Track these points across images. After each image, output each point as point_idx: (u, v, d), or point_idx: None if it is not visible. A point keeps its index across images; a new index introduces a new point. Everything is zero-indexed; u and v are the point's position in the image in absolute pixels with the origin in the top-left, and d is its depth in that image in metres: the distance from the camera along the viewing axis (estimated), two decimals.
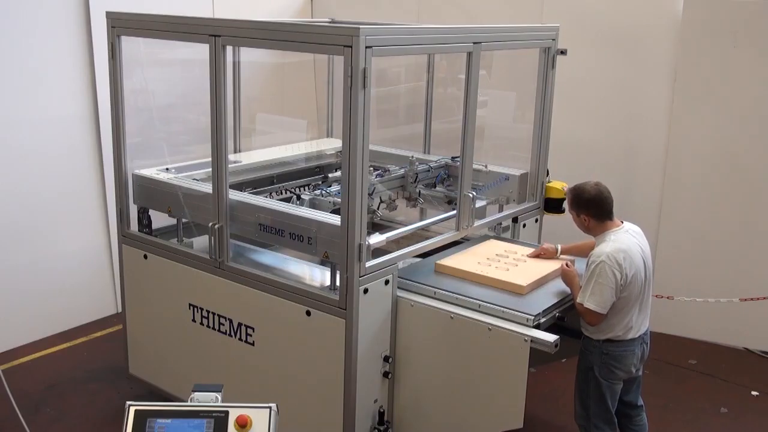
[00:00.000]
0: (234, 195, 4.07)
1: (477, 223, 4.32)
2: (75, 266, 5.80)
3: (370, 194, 4.33)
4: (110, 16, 4.30)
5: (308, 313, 3.71)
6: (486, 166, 4.76)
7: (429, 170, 4.82)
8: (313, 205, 4.13)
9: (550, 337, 3.36)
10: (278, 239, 3.88)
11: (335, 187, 4.38)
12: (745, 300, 5.55)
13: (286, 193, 4.90)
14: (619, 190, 6.09)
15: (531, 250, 4.23)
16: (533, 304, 3.62)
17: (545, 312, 3.57)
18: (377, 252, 3.70)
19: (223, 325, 4.13)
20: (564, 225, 5.45)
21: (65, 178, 5.65)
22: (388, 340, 3.80)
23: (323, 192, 4.27)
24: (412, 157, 4.84)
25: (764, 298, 5.51)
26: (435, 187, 4.83)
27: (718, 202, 5.67)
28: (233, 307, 4.07)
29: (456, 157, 4.73)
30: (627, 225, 3.84)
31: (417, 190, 4.73)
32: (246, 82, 5.21)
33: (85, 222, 5.84)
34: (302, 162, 5.21)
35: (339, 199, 3.98)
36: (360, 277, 3.54)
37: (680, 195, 5.81)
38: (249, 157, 5.00)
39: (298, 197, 4.24)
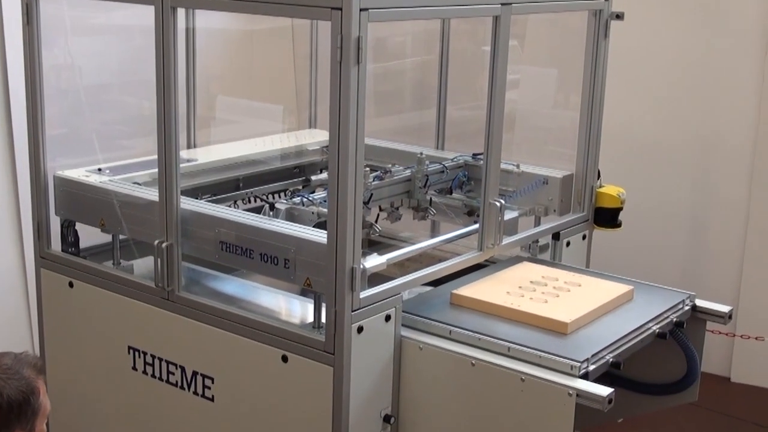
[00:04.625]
0: (188, 204, 4.08)
1: (506, 240, 4.33)
2: None
3: (365, 203, 4.35)
4: None
5: (284, 359, 3.71)
6: (518, 166, 4.77)
7: (443, 171, 4.83)
8: (291, 216, 4.14)
9: (603, 390, 3.35)
10: (245, 262, 3.88)
11: (320, 194, 4.40)
12: None
13: (256, 201, 4.91)
14: (693, 195, 6.14)
15: (577, 276, 4.24)
16: (580, 346, 3.62)
17: (595, 357, 3.57)
18: (375, 278, 3.71)
19: (173, 374, 4.13)
20: (620, 243, 5.46)
21: None
22: (389, 395, 3.80)
23: (304, 200, 4.28)
24: (421, 154, 4.85)
25: None
26: (451, 193, 4.84)
27: None
28: (186, 351, 4.08)
29: (478, 154, 4.73)
30: None
31: (427, 198, 4.75)
32: (204, 55, 5.23)
33: None
34: (277, 161, 5.22)
35: (325, 209, 3.98)
36: (353, 311, 3.54)
37: None
38: (207, 155, 5.01)
39: (272, 206, 4.25)
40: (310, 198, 4.31)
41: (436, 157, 5.00)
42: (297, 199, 4.31)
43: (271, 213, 4.18)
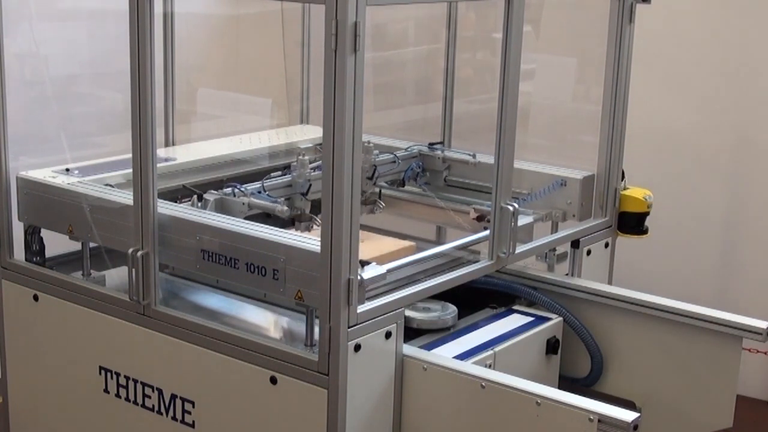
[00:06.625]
0: (165, 208, 4.10)
1: (520, 248, 4.34)
2: None
3: (304, 194, 4.48)
4: None
5: (273, 381, 3.72)
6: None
7: (395, 162, 4.97)
8: (221, 207, 4.16)
9: (627, 416, 3.36)
10: (230, 272, 3.88)
11: (254, 185, 4.49)
12: None
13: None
14: (729, 199, 6.12)
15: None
16: None
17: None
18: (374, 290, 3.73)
19: (150, 397, 4.13)
20: (646, 252, 5.46)
21: None
22: (389, 420, 3.81)
23: (235, 190, 4.34)
24: (368, 143, 4.91)
25: None
26: (403, 185, 4.99)
27: None
28: (164, 372, 4.08)
29: (435, 144, 4.78)
30: None
31: (377, 190, 4.83)
32: (184, 43, 5.24)
33: None
34: (265, 160, 5.23)
35: (258, 201, 4.09)
36: (349, 328, 3.54)
37: None
38: (187, 153, 5.03)
39: (200, 197, 4.29)
40: (242, 189, 4.36)
41: (387, 147, 5.11)
42: (228, 190, 4.36)
43: (199, 204, 4.22)
